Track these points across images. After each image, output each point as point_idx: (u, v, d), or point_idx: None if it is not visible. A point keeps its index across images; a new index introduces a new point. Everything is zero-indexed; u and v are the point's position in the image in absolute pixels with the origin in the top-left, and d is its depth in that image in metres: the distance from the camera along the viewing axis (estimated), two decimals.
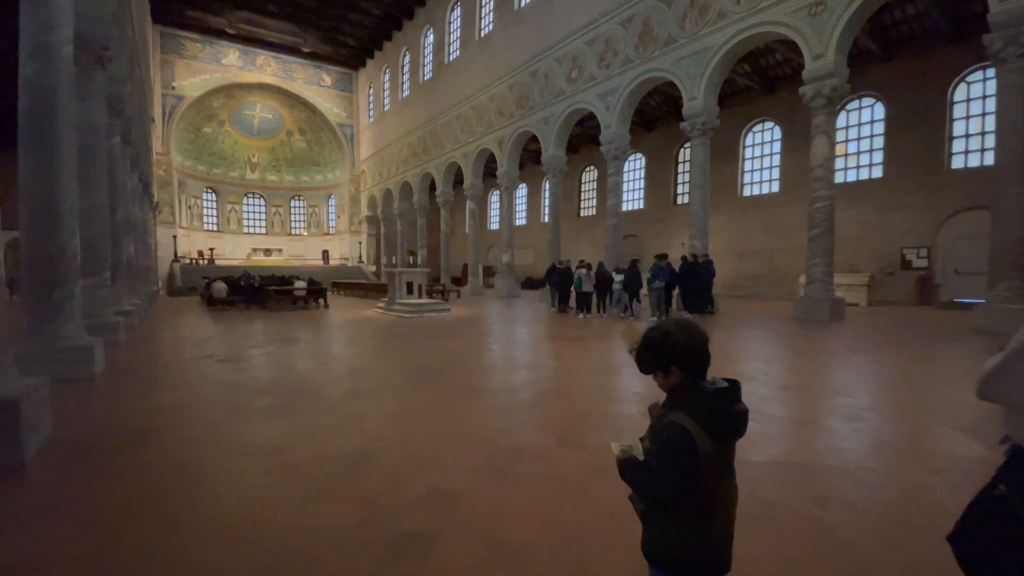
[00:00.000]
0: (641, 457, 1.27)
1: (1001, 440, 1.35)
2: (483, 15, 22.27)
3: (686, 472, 1.15)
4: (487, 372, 5.99)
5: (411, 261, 30.22)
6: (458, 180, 25.11)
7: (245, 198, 35.36)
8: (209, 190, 33.49)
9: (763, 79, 17.45)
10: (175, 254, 27.44)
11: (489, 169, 23.28)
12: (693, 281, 11.91)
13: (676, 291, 12.37)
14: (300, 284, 15.74)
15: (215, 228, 33.84)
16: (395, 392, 5.02)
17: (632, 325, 10.61)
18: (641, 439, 1.32)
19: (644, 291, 12.76)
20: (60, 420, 3.93)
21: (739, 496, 1.30)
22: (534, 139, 19.29)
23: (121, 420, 4.08)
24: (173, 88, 27.45)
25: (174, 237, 27.70)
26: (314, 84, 32.72)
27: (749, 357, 6.81)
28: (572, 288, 13.28)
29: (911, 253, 14.70)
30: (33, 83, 5.13)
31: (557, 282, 13.92)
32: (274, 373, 6.01)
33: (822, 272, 10.90)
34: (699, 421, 1.16)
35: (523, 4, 19.69)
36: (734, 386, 1.23)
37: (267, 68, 30.73)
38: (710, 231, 13.90)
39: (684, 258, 12.17)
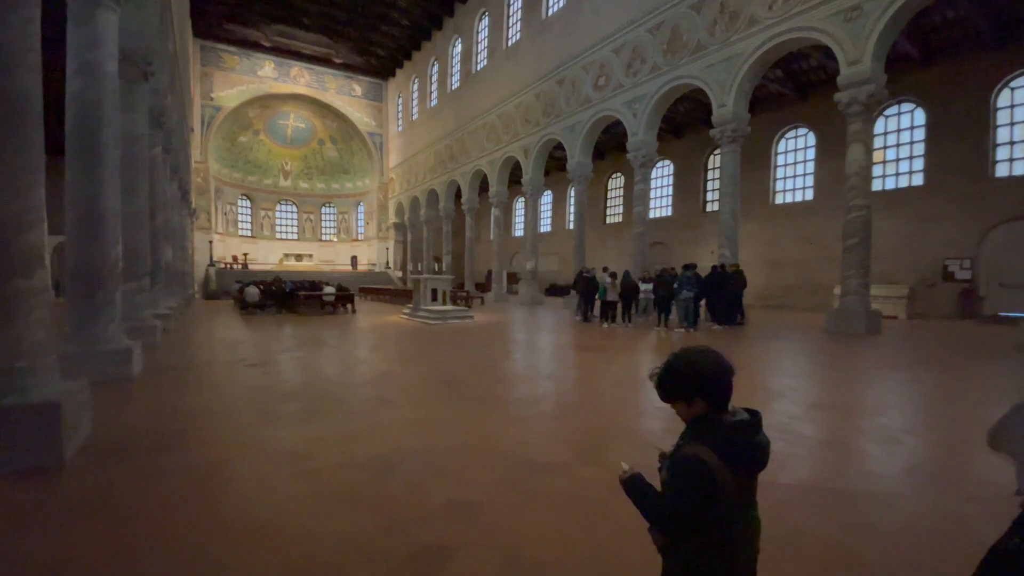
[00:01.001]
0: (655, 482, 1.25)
1: (1016, 491, 1.30)
2: (510, 24, 22.50)
3: (701, 505, 1.13)
4: (509, 382, 6.00)
5: (436, 267, 30.54)
6: (483, 187, 25.33)
7: (278, 205, 36.49)
8: (244, 197, 34.69)
9: (796, 84, 17.05)
10: (210, 259, 28.49)
11: (514, 176, 23.41)
12: (721, 292, 11.65)
13: (704, 302, 12.14)
14: (329, 290, 16.11)
15: (249, 234, 35.00)
16: (418, 400, 5.07)
17: (660, 336, 10.44)
18: (659, 469, 1.31)
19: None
20: (99, 421, 4.12)
21: (764, 520, 1.27)
22: (560, 146, 19.31)
23: (156, 422, 4.25)
24: (212, 99, 28.64)
25: (210, 242, 28.77)
26: (345, 94, 33.61)
27: (778, 372, 6.61)
28: (596, 296, 13.18)
29: (953, 264, 14.04)
30: (79, 97, 5.44)
31: (583, 290, 13.83)
32: (302, 378, 6.15)
33: (857, 284, 10.52)
34: (719, 453, 1.14)
35: (550, 13, 19.82)
36: (755, 418, 1.20)
37: (300, 79, 31.75)
38: (740, 240, 13.61)
39: (714, 267, 11.93)
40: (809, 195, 17.76)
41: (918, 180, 15.06)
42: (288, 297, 15.81)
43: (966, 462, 3.49)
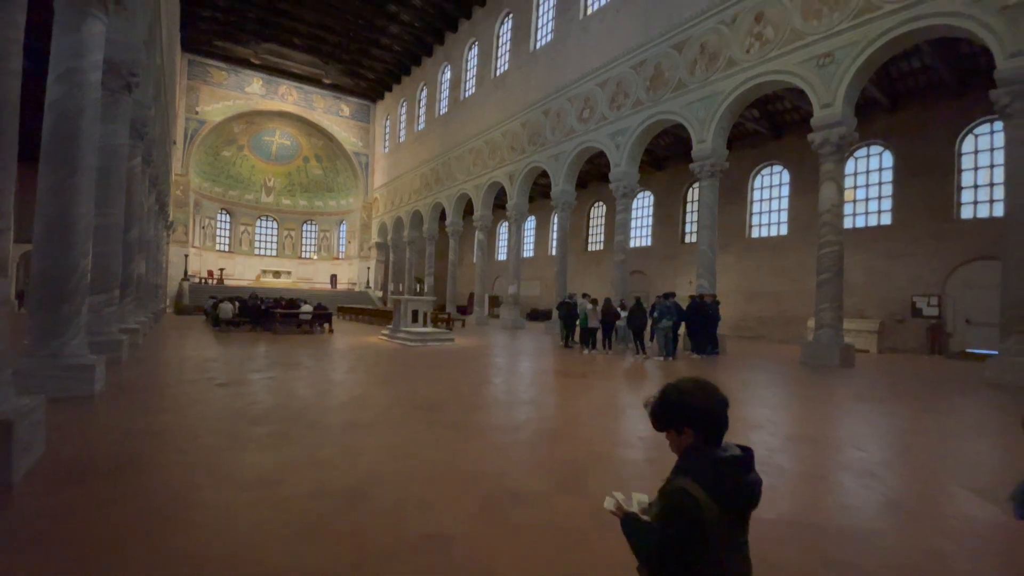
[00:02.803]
0: (638, 510, 1.22)
1: None
2: (499, 55, 23.08)
3: (687, 541, 1.09)
4: (488, 407, 5.89)
5: (418, 288, 30.33)
6: (468, 211, 25.49)
7: (258, 220, 36.01)
8: (224, 211, 34.17)
9: (772, 124, 17.77)
10: (185, 272, 27.77)
11: (499, 201, 23.62)
12: (701, 321, 11.80)
13: (682, 331, 12.27)
14: (306, 308, 15.78)
15: (227, 249, 34.33)
16: (394, 425, 4.93)
17: (639, 365, 10.46)
18: (650, 504, 1.27)
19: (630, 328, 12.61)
20: (54, 441, 3.88)
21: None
22: (544, 174, 19.61)
23: (115, 443, 4.02)
24: (196, 113, 28.44)
25: (186, 256, 28.11)
26: (333, 114, 33.78)
27: (756, 403, 6.66)
28: (577, 323, 13.19)
29: (921, 301, 14.55)
30: (59, 105, 5.32)
31: (564, 316, 13.84)
32: (273, 400, 5.94)
33: (831, 317, 10.79)
34: (708, 490, 1.11)
35: (538, 47, 20.42)
36: (747, 454, 1.18)
37: (288, 97, 31.84)
38: (717, 271, 13.88)
39: (693, 298, 12.10)
40: (784, 230, 18.30)
41: (886, 219, 15.70)
42: (263, 315, 15.43)
43: (942, 497, 3.53)
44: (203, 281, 29.40)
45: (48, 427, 3.85)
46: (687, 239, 21.58)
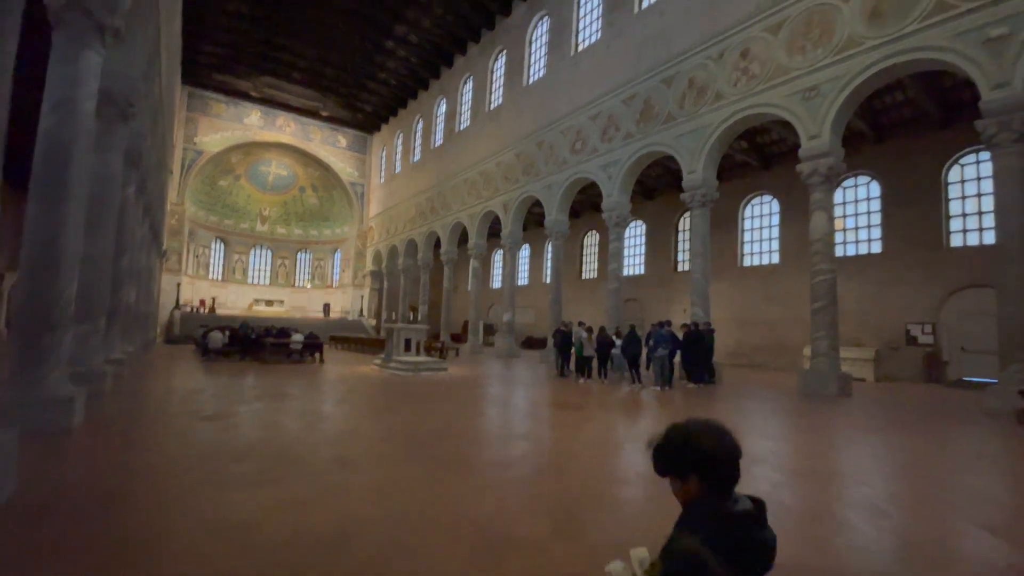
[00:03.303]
0: (639, 569, 1.09)
1: None
2: (493, 89, 23.63)
3: None
4: (480, 441, 5.69)
5: (412, 317, 30.10)
6: (462, 239, 25.56)
7: (253, 249, 35.94)
8: (218, 240, 34.11)
9: (760, 155, 18.14)
10: (177, 302, 27.45)
11: (493, 230, 23.75)
12: (697, 350, 11.69)
13: (678, 359, 12.14)
14: (297, 337, 15.54)
15: (220, 277, 34.11)
16: (382, 461, 4.72)
17: (635, 395, 10.28)
18: (652, 564, 1.14)
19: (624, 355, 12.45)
20: (26, 478, 3.66)
21: None
22: (538, 203, 19.78)
23: (89, 481, 3.80)
24: (195, 143, 28.72)
25: (178, 284, 27.85)
26: (330, 145, 34.23)
27: (756, 434, 6.50)
28: (572, 351, 13.04)
29: (916, 329, 14.55)
30: (52, 133, 5.28)
31: (559, 344, 13.71)
32: (258, 434, 5.72)
33: (827, 346, 10.71)
34: (716, 549, 0.99)
35: (531, 81, 20.95)
36: (760, 509, 1.06)
37: (286, 129, 32.29)
38: (711, 299, 13.86)
39: (687, 326, 12.02)
40: (776, 258, 18.43)
41: (877, 248, 15.86)
42: (253, 344, 15.15)
43: (956, 536, 3.37)
44: (194, 310, 29.05)
45: (20, 463, 3.64)
46: (680, 267, 21.69)
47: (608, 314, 15.59)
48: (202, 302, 30.31)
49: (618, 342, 12.57)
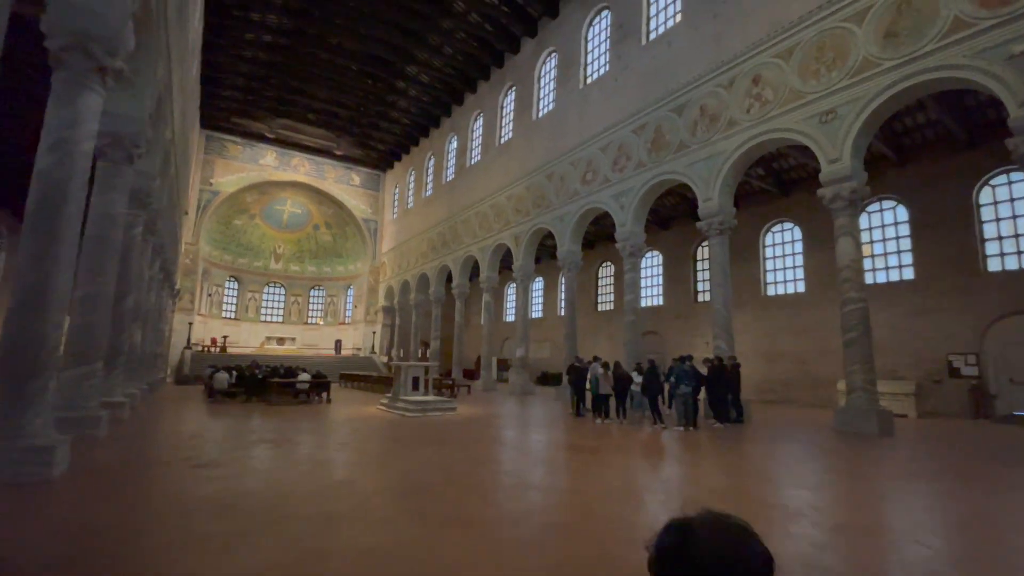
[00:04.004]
0: None
1: None
2: (503, 124, 24.06)
3: None
4: (486, 493, 5.27)
5: (423, 352, 29.83)
6: (474, 273, 25.52)
7: (266, 287, 36.43)
8: (232, 279, 34.67)
9: (778, 181, 17.87)
10: (188, 341, 27.66)
11: (506, 262, 23.68)
12: (722, 386, 11.12)
13: (702, 396, 11.57)
14: (304, 376, 15.33)
15: (233, 316, 34.48)
16: (375, 518, 4.34)
17: (657, 436, 9.71)
18: None
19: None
20: None
21: None
22: (550, 235, 19.70)
23: (55, 541, 3.52)
24: (211, 184, 29.62)
25: (190, 324, 28.12)
26: (344, 183, 35.03)
27: (791, 482, 5.94)
28: (588, 388, 12.54)
29: (958, 360, 13.71)
30: (47, 174, 5.28)
31: (574, 381, 13.24)
32: (248, 484, 5.39)
33: (863, 380, 10.07)
34: None
35: (540, 115, 21.27)
36: None
37: (301, 168, 33.21)
38: (735, 331, 13.34)
39: (711, 360, 11.49)
40: (801, 287, 17.86)
41: (909, 274, 15.22)
42: (259, 384, 14.97)
43: None
44: (205, 349, 29.21)
45: None
46: (700, 298, 21.19)
47: (626, 348, 15.13)
48: (213, 341, 30.51)
49: (637, 378, 12.08)
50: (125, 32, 5.82)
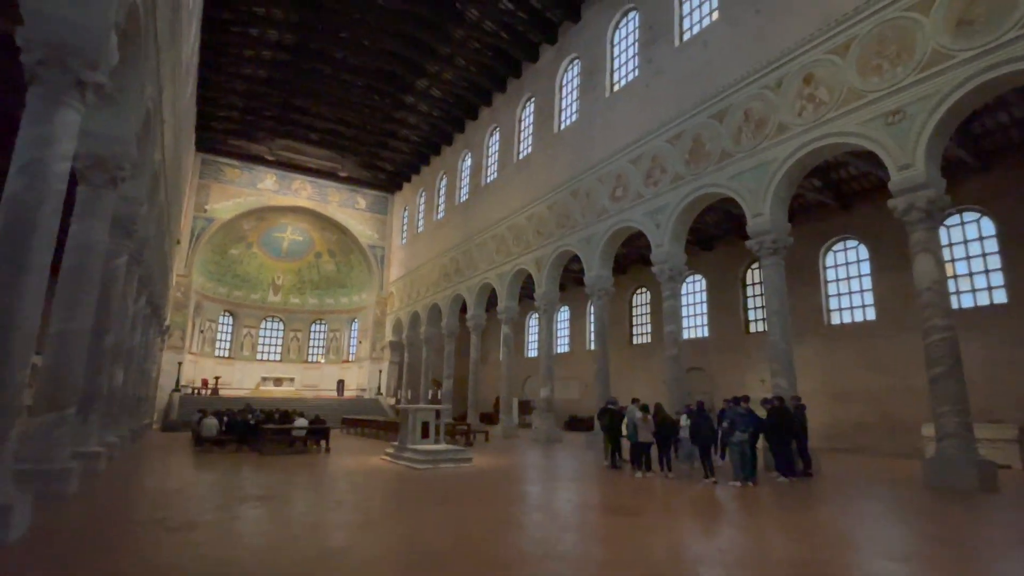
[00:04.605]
0: None
1: None
2: (522, 139, 24.33)
3: None
4: (506, 566, 4.87)
5: (435, 393, 29.53)
6: (492, 303, 25.38)
7: (263, 322, 36.97)
8: (227, 313, 35.30)
9: (837, 194, 17.42)
10: (177, 383, 27.97)
11: (527, 290, 23.50)
12: (785, 432, 10.52)
13: (761, 444, 10.96)
14: (300, 422, 15.17)
15: (226, 354, 34.94)
16: None
17: (709, 493, 9.14)
18: None
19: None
20: None
21: None
22: (576, 259, 19.52)
23: None
24: (205, 211, 30.54)
25: (179, 364, 28.50)
26: (348, 207, 35.75)
27: (879, 552, 5.37)
28: (625, 435, 12.03)
29: None
30: (16, 198, 5.31)
31: (607, 427, 12.75)
32: (227, 551, 5.13)
33: (956, 424, 9.36)
34: None
35: (563, 127, 21.43)
36: None
37: (302, 192, 34.07)
38: (795, 366, 12.74)
39: (770, 401, 10.93)
40: (870, 314, 17.16)
41: (1000, 297, 14.45)
42: (251, 431, 14.87)
43: None
44: (196, 392, 29.47)
45: None
46: (753, 328, 20.58)
47: (667, 387, 14.68)
48: (204, 382, 30.82)
49: (684, 422, 11.55)
50: (107, 44, 5.95)
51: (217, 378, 31.25)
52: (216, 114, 27.40)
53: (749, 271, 20.93)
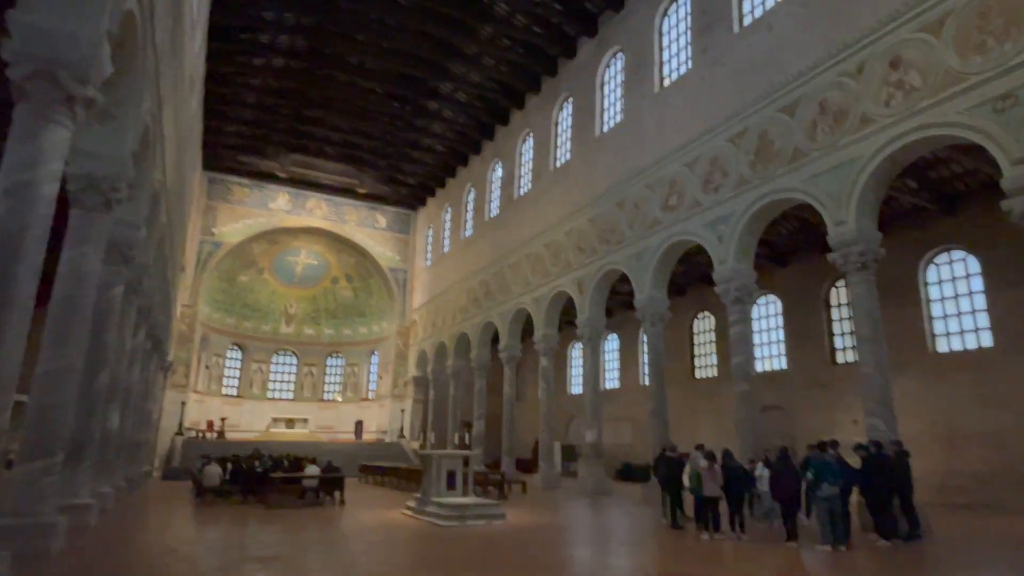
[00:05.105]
0: None
1: None
2: (558, 144, 24.44)
3: None
4: None
5: (464, 437, 29.38)
6: (527, 331, 25.23)
7: (275, 356, 37.89)
8: (235, 347, 36.34)
9: (937, 196, 16.68)
10: (180, 425, 28.73)
11: (568, 316, 23.28)
12: (885, 484, 9.90)
13: (855, 499, 10.38)
14: (312, 470, 15.27)
15: (235, 392, 35.88)
16: None
17: (792, 558, 8.61)
18: None
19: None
20: None
21: None
22: (624, 279, 19.27)
23: None
24: (213, 234, 31.75)
25: (183, 404, 29.32)
26: (367, 226, 36.56)
27: None
28: (687, 488, 11.58)
29: None
30: (0, 224, 5.53)
31: (665, 478, 12.33)
32: None
33: None
34: None
35: (605, 129, 21.43)
36: None
37: (317, 211, 35.08)
38: (895, 402, 12.07)
39: (865, 447, 10.34)
40: (986, 339, 16.20)
41: None
42: (257, 480, 15.03)
43: None
44: (200, 435, 30.19)
45: None
46: (840, 357, 19.80)
47: (738, 430, 14.16)
48: (210, 425, 31.58)
49: (760, 472, 11.03)
50: (99, 56, 6.23)
51: (223, 420, 31.98)
52: (224, 129, 28.65)
53: (833, 290, 20.25)
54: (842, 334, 19.96)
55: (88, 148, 8.08)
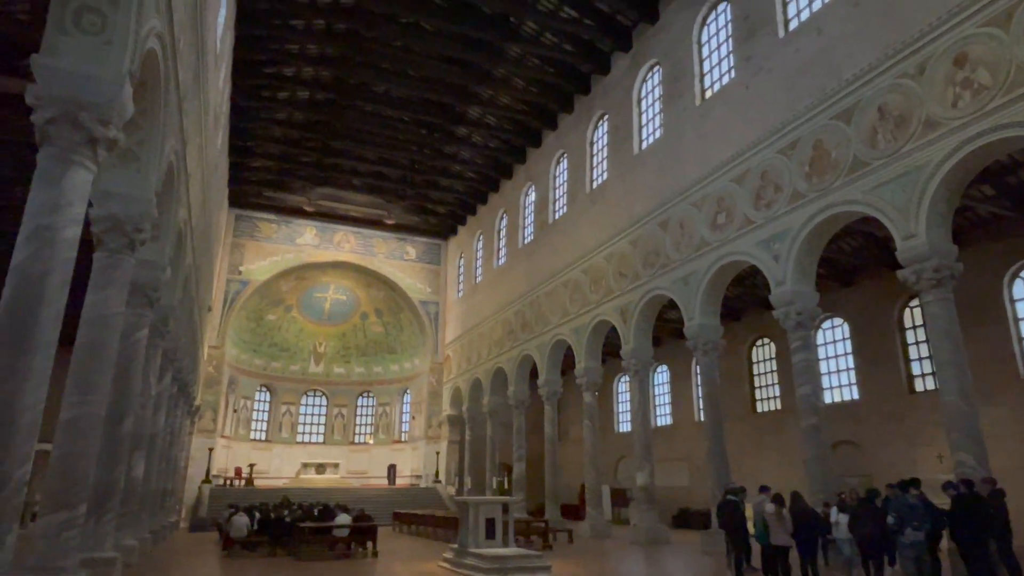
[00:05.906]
0: None
1: None
2: (595, 164, 24.52)
3: None
4: None
5: (503, 480, 29.03)
6: (568, 363, 25.00)
7: (304, 397, 38.52)
8: (263, 388, 37.09)
9: (1019, 203, 16.03)
10: (207, 472, 29.23)
11: (611, 348, 23.00)
12: (977, 528, 9.32)
13: (944, 544, 9.85)
14: (343, 519, 15.25)
15: (263, 436, 36.53)
16: None
17: None
18: None
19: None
20: None
21: None
22: (672, 304, 19.00)
23: None
24: (239, 273, 32.74)
25: (210, 450, 29.87)
26: (397, 258, 37.20)
27: None
28: (753, 536, 11.15)
29: None
30: (23, 269, 5.79)
31: (729, 524, 11.91)
32: None
33: None
34: None
35: (644, 146, 21.44)
36: None
37: (345, 245, 35.91)
38: (984, 435, 11.44)
39: (953, 486, 9.80)
40: None
41: None
42: (286, 531, 15.11)
43: None
44: (228, 483, 30.63)
45: None
46: (919, 385, 19.02)
47: (807, 469, 13.72)
48: (238, 472, 32.03)
49: (836, 517, 10.56)
50: (121, 96, 6.53)
51: (252, 466, 32.42)
52: (250, 164, 29.82)
53: (907, 310, 19.60)
54: (919, 359, 19.23)
55: (111, 189, 8.45)
